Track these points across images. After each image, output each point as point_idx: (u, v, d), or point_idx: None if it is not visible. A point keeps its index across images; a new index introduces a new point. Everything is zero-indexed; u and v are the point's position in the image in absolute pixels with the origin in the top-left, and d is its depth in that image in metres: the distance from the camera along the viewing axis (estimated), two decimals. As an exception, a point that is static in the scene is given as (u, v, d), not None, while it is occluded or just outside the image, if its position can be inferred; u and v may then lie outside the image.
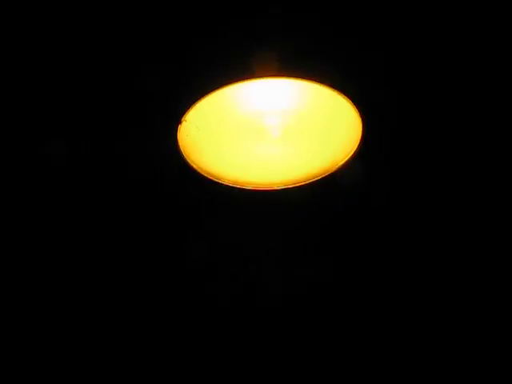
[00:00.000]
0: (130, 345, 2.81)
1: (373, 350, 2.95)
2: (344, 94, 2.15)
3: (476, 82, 2.21)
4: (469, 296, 2.80)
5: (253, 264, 2.60)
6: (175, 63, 2.05)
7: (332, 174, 2.33)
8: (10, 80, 2.10)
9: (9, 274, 2.61)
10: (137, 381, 2.89)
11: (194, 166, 2.24)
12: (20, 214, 2.43)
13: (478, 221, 2.58)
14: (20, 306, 2.69)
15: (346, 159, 2.31)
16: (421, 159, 2.40)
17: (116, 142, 2.23)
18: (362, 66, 2.12)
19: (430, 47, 2.13)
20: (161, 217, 2.43)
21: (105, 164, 2.28)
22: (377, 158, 2.37)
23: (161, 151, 2.19)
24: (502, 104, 2.27)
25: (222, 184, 2.28)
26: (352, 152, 2.30)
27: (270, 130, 2.24)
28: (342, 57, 2.10)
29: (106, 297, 2.67)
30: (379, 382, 3.01)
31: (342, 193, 2.44)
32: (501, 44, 2.11)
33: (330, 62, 2.09)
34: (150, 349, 2.82)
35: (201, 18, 2.00)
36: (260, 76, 2.05)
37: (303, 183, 2.32)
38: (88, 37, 2.05)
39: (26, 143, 2.24)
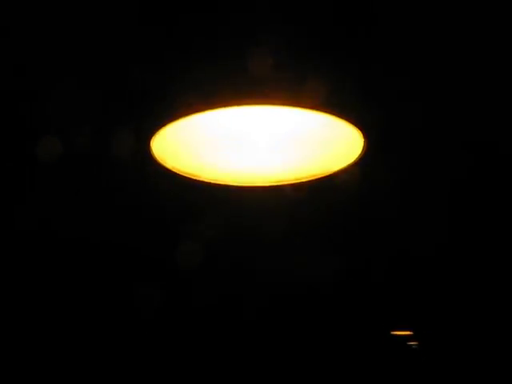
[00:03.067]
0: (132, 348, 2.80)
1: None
2: (342, 117, 1.90)
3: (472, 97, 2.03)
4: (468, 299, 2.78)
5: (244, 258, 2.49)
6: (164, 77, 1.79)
7: (325, 177, 2.15)
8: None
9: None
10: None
11: (171, 168, 2.04)
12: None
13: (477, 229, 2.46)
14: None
15: (344, 167, 2.12)
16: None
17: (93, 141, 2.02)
18: (357, 87, 1.89)
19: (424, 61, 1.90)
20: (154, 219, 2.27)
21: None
22: (375, 169, 2.17)
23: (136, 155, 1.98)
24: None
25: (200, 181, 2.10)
26: (350, 162, 2.10)
27: (259, 143, 2.01)
28: (339, 81, 1.84)
29: (93, 294, 2.59)
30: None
31: (335, 196, 2.25)
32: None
33: (324, 88, 1.82)
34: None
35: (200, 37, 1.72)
36: (250, 103, 1.79)
37: (287, 183, 2.15)
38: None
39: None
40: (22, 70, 1.83)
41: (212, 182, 2.11)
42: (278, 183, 2.15)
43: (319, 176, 2.14)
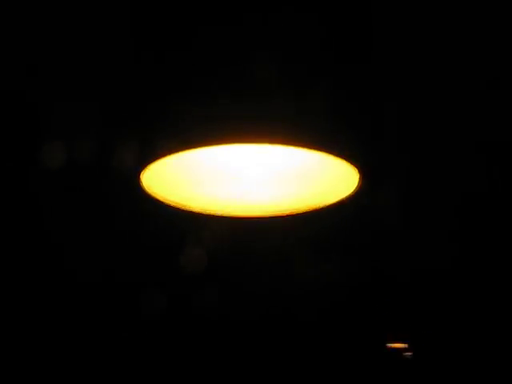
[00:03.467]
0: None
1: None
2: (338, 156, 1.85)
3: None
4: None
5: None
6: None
7: (319, 210, 2.11)
8: None
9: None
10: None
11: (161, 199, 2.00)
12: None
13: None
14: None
15: (339, 200, 2.08)
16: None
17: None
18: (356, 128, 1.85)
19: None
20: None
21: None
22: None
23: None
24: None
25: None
26: (346, 195, 2.06)
27: (252, 176, 1.97)
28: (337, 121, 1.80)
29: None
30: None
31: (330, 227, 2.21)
32: None
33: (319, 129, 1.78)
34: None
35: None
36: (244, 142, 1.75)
37: (281, 214, 2.11)
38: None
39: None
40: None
41: (202, 212, 2.07)
42: (270, 214, 2.11)
43: (312, 208, 2.11)
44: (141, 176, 1.85)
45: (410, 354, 4.02)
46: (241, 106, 1.69)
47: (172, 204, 2.01)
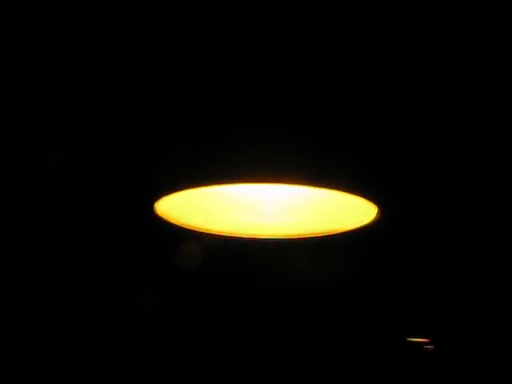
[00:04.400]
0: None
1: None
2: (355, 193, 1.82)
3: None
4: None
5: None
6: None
7: (337, 235, 2.08)
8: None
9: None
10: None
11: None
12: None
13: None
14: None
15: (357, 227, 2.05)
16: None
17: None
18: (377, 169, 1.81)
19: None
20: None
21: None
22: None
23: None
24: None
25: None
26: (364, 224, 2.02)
27: (270, 203, 1.94)
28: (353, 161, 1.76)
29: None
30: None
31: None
32: None
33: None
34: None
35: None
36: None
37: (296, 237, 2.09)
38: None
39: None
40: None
41: (219, 234, 2.05)
42: (286, 237, 2.09)
43: (330, 233, 2.08)
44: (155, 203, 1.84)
45: (430, 347, 4.00)
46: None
47: (186, 227, 1.99)
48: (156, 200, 1.76)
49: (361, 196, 1.79)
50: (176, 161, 1.70)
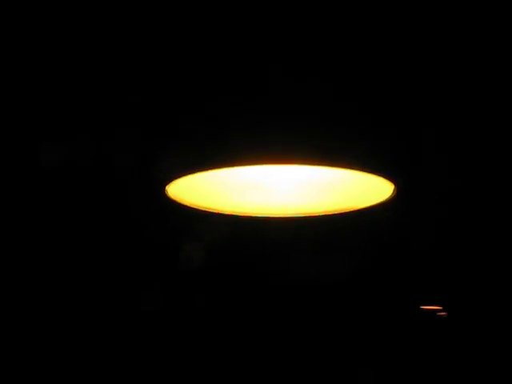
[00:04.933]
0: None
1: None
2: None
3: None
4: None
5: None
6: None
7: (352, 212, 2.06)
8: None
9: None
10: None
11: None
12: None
13: None
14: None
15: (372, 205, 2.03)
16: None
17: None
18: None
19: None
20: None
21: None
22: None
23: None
24: None
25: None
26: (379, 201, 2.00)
27: (284, 182, 1.92)
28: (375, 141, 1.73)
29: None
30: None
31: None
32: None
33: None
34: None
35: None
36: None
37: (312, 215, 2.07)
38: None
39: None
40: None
41: (234, 214, 2.04)
42: (301, 215, 2.07)
43: (345, 210, 2.06)
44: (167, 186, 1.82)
45: (444, 314, 4.00)
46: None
47: (199, 208, 1.97)
48: (168, 183, 1.74)
49: (377, 175, 1.77)
50: (190, 144, 1.69)
